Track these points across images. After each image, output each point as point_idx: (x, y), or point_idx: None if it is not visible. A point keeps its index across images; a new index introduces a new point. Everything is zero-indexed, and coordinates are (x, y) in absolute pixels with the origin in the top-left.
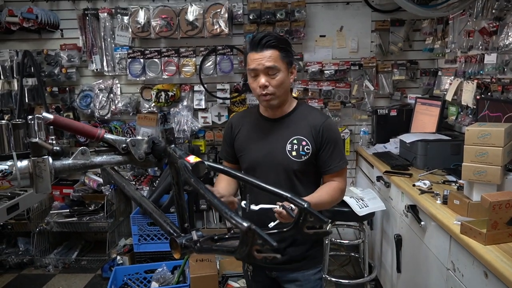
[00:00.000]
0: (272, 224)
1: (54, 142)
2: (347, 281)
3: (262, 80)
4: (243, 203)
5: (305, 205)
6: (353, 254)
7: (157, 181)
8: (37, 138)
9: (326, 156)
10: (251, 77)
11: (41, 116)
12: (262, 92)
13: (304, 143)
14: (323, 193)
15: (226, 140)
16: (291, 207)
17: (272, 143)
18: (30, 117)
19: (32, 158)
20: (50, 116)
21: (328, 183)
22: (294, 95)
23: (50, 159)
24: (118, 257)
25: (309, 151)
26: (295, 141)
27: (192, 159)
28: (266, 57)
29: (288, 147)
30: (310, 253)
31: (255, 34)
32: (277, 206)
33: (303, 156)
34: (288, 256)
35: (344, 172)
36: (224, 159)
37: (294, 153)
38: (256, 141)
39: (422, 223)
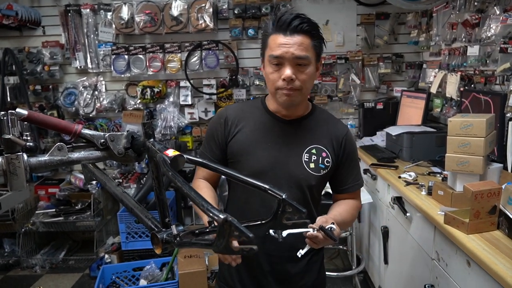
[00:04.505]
0: (302, 252)
1: (28, 138)
2: (335, 273)
3: (288, 71)
4: (271, 231)
5: (284, 196)
6: (341, 247)
7: (144, 179)
8: (11, 135)
9: (346, 173)
10: (271, 65)
11: (14, 112)
12: (285, 85)
13: (324, 154)
14: (343, 212)
15: (214, 137)
16: (331, 227)
17: (285, 150)
18: (2, 113)
19: (5, 155)
20: (24, 112)
21: (345, 201)
22: None
23: (25, 156)
24: (106, 256)
25: (329, 164)
26: (314, 151)
27: (171, 152)
28: (296, 44)
29: (305, 157)
30: (318, 282)
31: (282, 12)
32: (310, 230)
33: (321, 170)
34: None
35: (360, 192)
36: (204, 158)
37: (312, 165)
38: (262, 145)
39: (407, 214)
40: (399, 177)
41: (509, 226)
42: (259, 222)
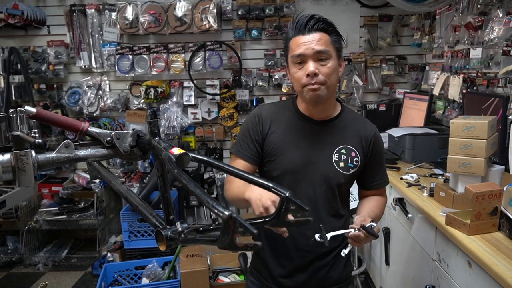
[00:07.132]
0: (345, 251)
1: (37, 135)
2: None
3: (311, 66)
4: (317, 236)
5: (287, 194)
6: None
7: (147, 178)
8: (19, 132)
9: (373, 171)
10: (295, 65)
11: (23, 109)
12: (310, 81)
13: (353, 154)
14: (375, 208)
15: (250, 134)
16: (371, 225)
17: (316, 150)
18: (11, 110)
19: (14, 152)
20: (33, 110)
21: (373, 197)
22: (284, 90)
23: (33, 152)
24: (109, 254)
25: (357, 163)
26: (343, 151)
27: (176, 150)
28: (315, 40)
29: (335, 156)
30: (344, 275)
31: (298, 16)
32: (351, 230)
33: (351, 169)
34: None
35: (385, 188)
36: (240, 156)
37: (341, 164)
38: (293, 145)
39: (409, 215)
40: (401, 178)
41: (510, 227)
42: (263, 220)
